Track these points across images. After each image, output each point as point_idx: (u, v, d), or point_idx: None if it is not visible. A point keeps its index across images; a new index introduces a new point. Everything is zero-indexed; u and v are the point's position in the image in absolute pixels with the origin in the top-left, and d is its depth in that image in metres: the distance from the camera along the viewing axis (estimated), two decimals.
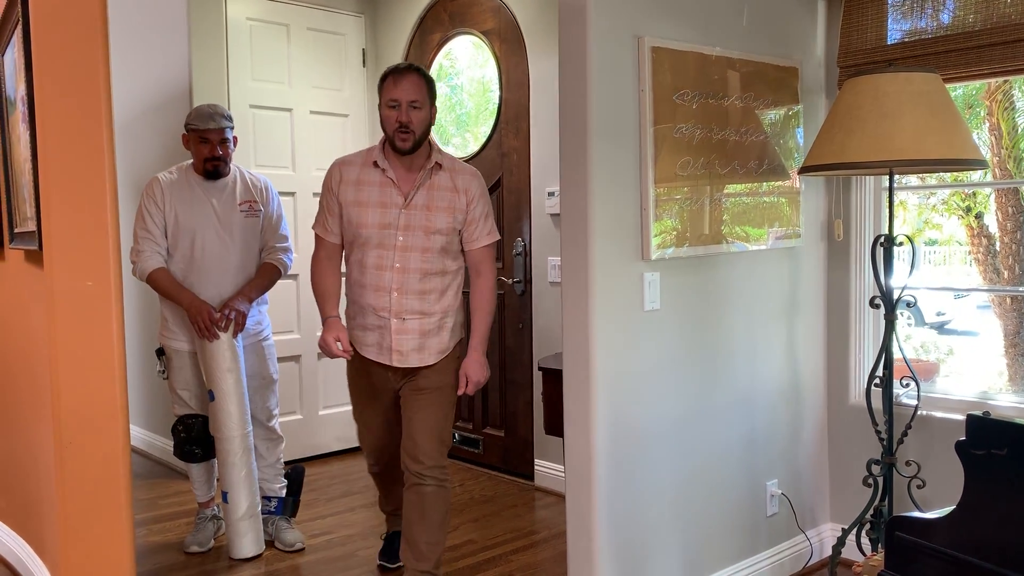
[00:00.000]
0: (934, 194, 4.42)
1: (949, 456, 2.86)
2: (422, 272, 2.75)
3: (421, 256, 2.74)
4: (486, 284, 2.86)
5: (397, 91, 2.68)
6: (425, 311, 2.77)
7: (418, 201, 2.75)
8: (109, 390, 2.43)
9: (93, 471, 2.42)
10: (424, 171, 2.76)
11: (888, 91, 2.49)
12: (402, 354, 2.78)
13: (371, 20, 4.96)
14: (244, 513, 3.30)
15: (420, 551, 2.79)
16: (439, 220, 2.75)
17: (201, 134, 3.23)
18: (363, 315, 2.81)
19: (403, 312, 2.75)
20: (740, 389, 2.92)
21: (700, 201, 2.74)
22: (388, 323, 2.76)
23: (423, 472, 2.78)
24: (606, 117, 2.49)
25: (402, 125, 2.68)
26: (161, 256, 3.24)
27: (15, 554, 3.30)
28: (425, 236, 2.74)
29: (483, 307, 2.85)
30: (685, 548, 2.77)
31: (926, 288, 3.19)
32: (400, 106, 2.67)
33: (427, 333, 2.79)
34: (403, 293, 2.74)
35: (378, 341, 2.79)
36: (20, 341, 3.12)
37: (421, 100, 2.69)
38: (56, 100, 2.36)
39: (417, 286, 2.75)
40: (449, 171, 2.79)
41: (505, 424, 4.41)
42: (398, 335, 2.76)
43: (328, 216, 2.84)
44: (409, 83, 2.68)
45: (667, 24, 2.63)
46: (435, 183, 2.77)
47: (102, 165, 2.39)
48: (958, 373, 3.88)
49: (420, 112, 2.70)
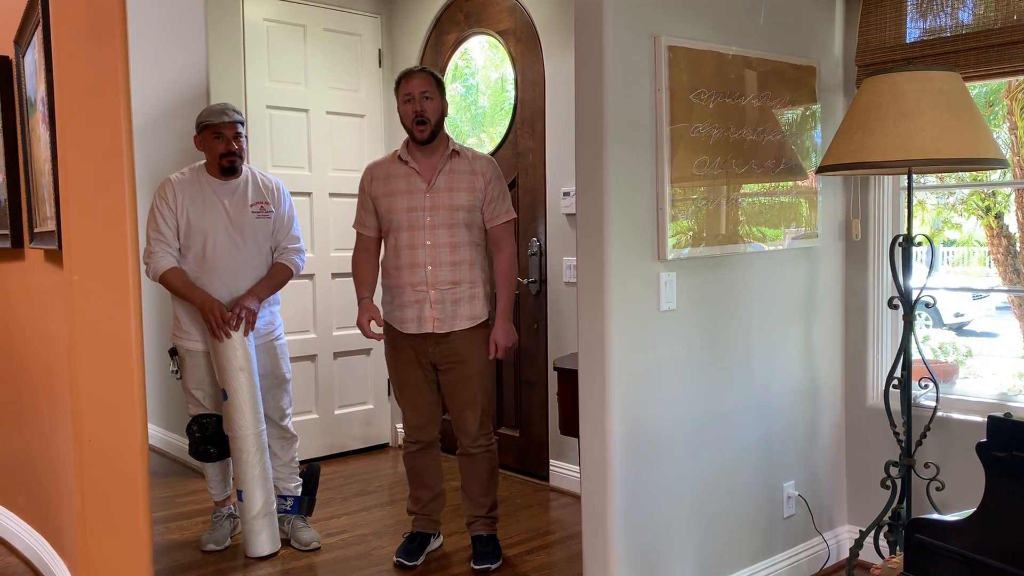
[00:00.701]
0: (953, 194, 4.38)
1: (968, 458, 2.84)
2: (451, 246, 3.10)
3: (448, 232, 3.09)
4: (506, 258, 3.20)
5: (409, 86, 3.09)
6: (456, 280, 3.11)
7: (440, 184, 3.11)
8: (127, 389, 2.45)
9: (111, 469, 2.44)
10: (443, 158, 3.13)
11: (907, 90, 2.46)
12: (440, 321, 3.11)
13: (387, 21, 4.97)
14: (259, 511, 3.31)
15: (475, 501, 3.28)
16: (461, 198, 3.10)
17: (216, 129, 3.24)
18: (401, 294, 3.14)
19: (438, 283, 3.09)
20: (757, 390, 2.91)
21: (717, 201, 2.73)
22: (426, 294, 3.10)
23: (471, 444, 3.22)
24: (622, 116, 2.48)
25: (418, 115, 3.06)
26: (173, 257, 3.26)
27: (34, 551, 3.33)
28: (450, 213, 3.09)
29: (505, 278, 3.19)
30: (701, 549, 2.75)
31: (945, 289, 3.17)
32: (414, 98, 3.06)
33: (458, 301, 3.13)
34: (436, 266, 3.09)
35: (417, 315, 3.12)
36: (40, 340, 3.15)
37: (431, 91, 3.09)
38: (76, 101, 2.38)
39: (448, 258, 3.10)
40: (466, 158, 3.16)
41: (520, 424, 4.41)
42: (436, 304, 3.10)
43: (363, 213, 3.24)
44: (419, 78, 3.09)
45: (684, 23, 2.62)
46: (454, 167, 3.13)
47: (121, 165, 2.41)
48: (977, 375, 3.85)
49: (432, 102, 3.08)
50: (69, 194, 2.40)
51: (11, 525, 3.56)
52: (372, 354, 4.91)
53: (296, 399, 4.08)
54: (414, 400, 3.25)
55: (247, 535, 3.35)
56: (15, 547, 3.50)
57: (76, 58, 2.38)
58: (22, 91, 3.18)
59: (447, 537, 3.54)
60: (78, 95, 2.38)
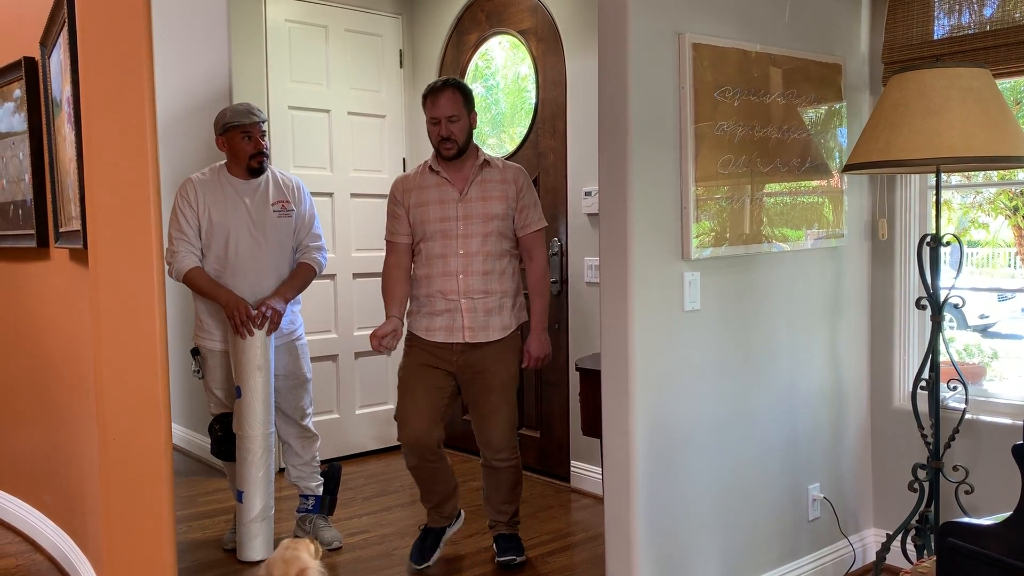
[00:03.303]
0: (980, 192, 4.32)
1: (998, 461, 2.80)
2: (484, 255, 3.08)
3: (481, 240, 3.08)
4: (539, 266, 3.18)
5: (436, 110, 3.05)
6: (488, 290, 3.09)
7: (473, 194, 3.10)
8: (152, 388, 2.46)
9: (135, 468, 2.45)
10: (474, 169, 3.12)
11: (935, 87, 2.43)
12: (473, 330, 3.08)
13: (408, 21, 4.98)
14: (257, 515, 3.27)
15: (498, 509, 3.27)
16: (494, 207, 3.09)
17: (244, 129, 3.25)
18: (432, 303, 3.10)
19: (470, 292, 3.07)
20: (781, 391, 2.88)
21: (741, 200, 2.70)
22: (458, 303, 3.07)
23: (493, 456, 3.17)
24: (646, 115, 2.46)
25: (443, 139, 3.05)
26: (196, 256, 3.27)
27: (59, 548, 3.35)
28: (483, 222, 3.08)
29: (539, 288, 3.18)
30: (725, 552, 2.73)
31: (972, 289, 3.12)
32: (440, 122, 3.04)
33: (491, 311, 3.10)
34: (468, 275, 3.07)
35: (448, 324, 3.09)
36: (65, 339, 3.17)
37: (458, 112, 3.04)
38: (101, 101, 2.39)
39: (480, 267, 3.07)
40: (497, 168, 3.16)
41: (541, 425, 4.39)
42: (468, 313, 3.07)
43: (395, 223, 3.19)
44: (445, 100, 3.04)
45: (708, 20, 2.60)
46: (486, 177, 3.12)
47: (146, 165, 2.42)
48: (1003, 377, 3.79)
49: (459, 123, 3.05)
50: (94, 194, 2.42)
51: (36, 523, 3.59)
52: (393, 355, 4.89)
53: (317, 399, 4.08)
54: (418, 403, 3.11)
55: (242, 538, 3.29)
56: (40, 544, 3.53)
57: (101, 59, 2.39)
58: (48, 91, 3.20)
59: (467, 538, 3.54)
60: (103, 95, 2.39)
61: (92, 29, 2.40)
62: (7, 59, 3.50)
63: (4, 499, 3.84)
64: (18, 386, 3.72)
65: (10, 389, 3.79)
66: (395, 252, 3.21)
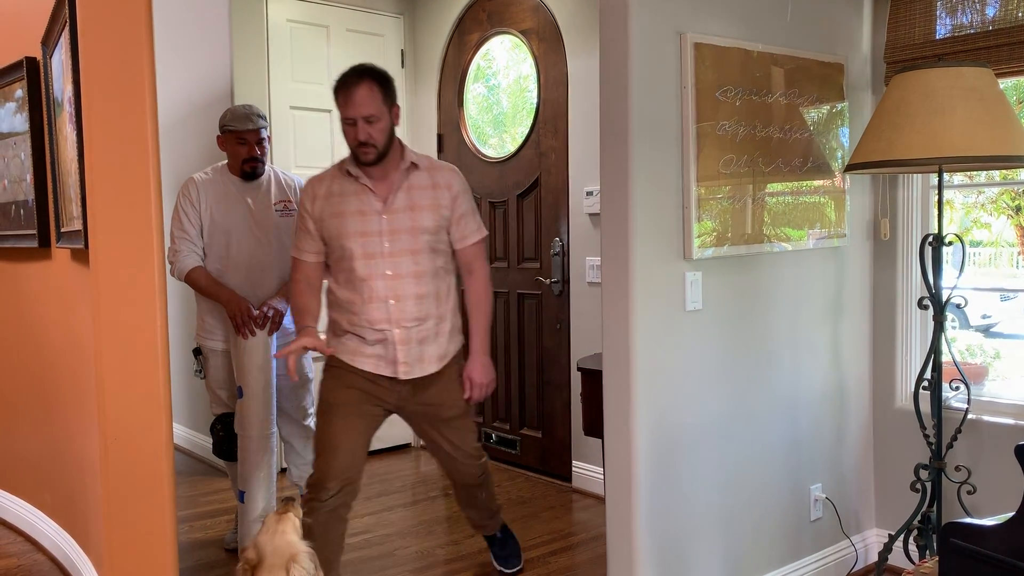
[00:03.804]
0: (982, 192, 4.31)
1: (1001, 461, 2.79)
2: (415, 275, 2.65)
3: (412, 259, 2.65)
4: (480, 283, 2.79)
5: (350, 108, 2.57)
6: (423, 316, 2.67)
7: (399, 204, 2.65)
8: (153, 387, 2.46)
9: (137, 467, 2.45)
10: (399, 172, 2.67)
11: (938, 86, 2.42)
12: (407, 365, 2.67)
13: (410, 21, 4.97)
14: (259, 515, 3.25)
15: (474, 521, 3.11)
16: (425, 219, 2.66)
17: (239, 135, 3.25)
18: (359, 333, 2.68)
19: (403, 320, 2.64)
20: (783, 391, 2.87)
21: (743, 200, 2.70)
22: (390, 334, 2.64)
23: (468, 483, 2.94)
24: (647, 115, 2.46)
25: (361, 143, 2.58)
26: (198, 255, 3.27)
27: (60, 548, 3.35)
28: (412, 238, 2.64)
29: (480, 307, 2.78)
30: (727, 552, 2.72)
31: (975, 289, 3.12)
32: (356, 123, 2.58)
33: (424, 340, 2.69)
34: (400, 299, 2.64)
35: (378, 354, 2.68)
36: (66, 339, 3.17)
37: (377, 111, 2.57)
38: (102, 101, 2.39)
39: (413, 290, 2.65)
40: (427, 170, 2.71)
41: (543, 425, 4.39)
42: (402, 345, 2.65)
43: (303, 236, 2.74)
44: (361, 96, 2.56)
45: (710, 20, 2.59)
46: (413, 183, 2.68)
47: (147, 165, 2.42)
48: (1005, 377, 3.79)
49: (379, 124, 2.58)
50: (95, 193, 2.42)
51: (38, 522, 3.59)
52: None
53: None
54: (346, 440, 2.65)
55: (243, 538, 3.27)
56: (42, 544, 3.53)
57: (102, 58, 2.39)
58: (49, 91, 3.20)
59: (467, 539, 3.53)
60: (104, 95, 2.39)
61: (93, 29, 2.40)
62: (9, 59, 3.50)
63: (5, 499, 3.85)
64: (19, 385, 3.72)
65: (11, 388, 3.79)
66: (300, 270, 2.75)
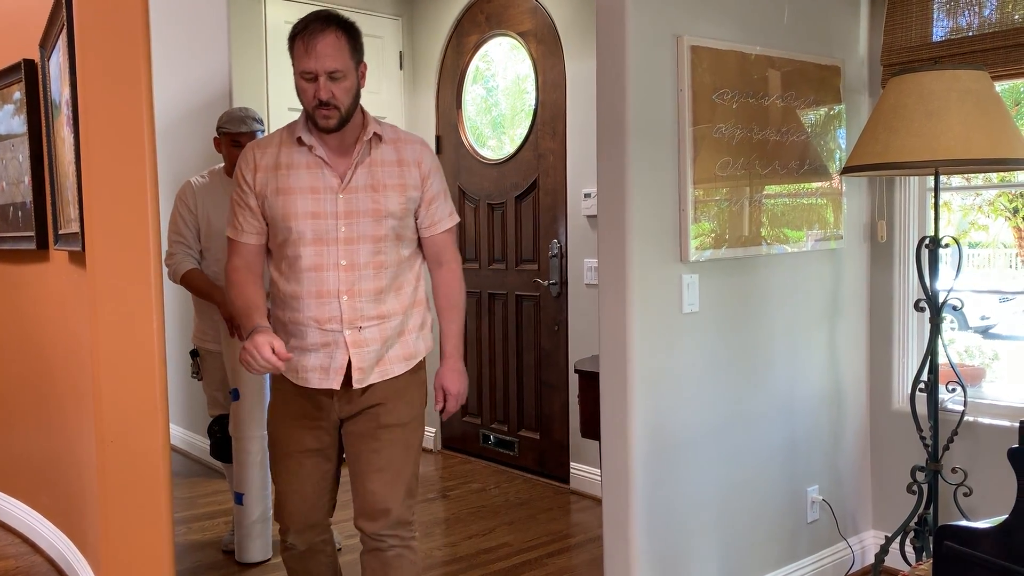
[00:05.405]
0: (979, 194, 4.32)
1: (997, 463, 2.79)
2: (376, 266, 2.18)
3: (372, 247, 2.18)
4: (453, 276, 2.34)
5: (310, 61, 2.10)
6: (384, 314, 2.20)
7: (359, 182, 2.17)
8: (149, 389, 2.46)
9: (134, 469, 2.45)
10: (361, 144, 2.18)
11: (934, 89, 2.43)
12: (362, 371, 2.18)
13: (408, 22, 4.98)
14: (257, 517, 3.28)
15: None
16: (390, 201, 2.19)
17: (234, 137, 3.25)
18: (300, 335, 2.19)
19: (358, 320, 2.17)
20: (780, 393, 2.87)
21: (740, 202, 2.70)
22: (339, 337, 2.16)
23: (382, 533, 2.21)
24: (644, 117, 2.46)
25: (321, 103, 2.10)
26: (194, 259, 3.27)
27: (58, 550, 3.35)
28: (374, 222, 2.17)
29: (452, 306, 2.34)
30: (724, 554, 2.73)
31: (972, 291, 3.12)
32: (317, 79, 2.10)
33: (387, 340, 2.21)
34: (355, 296, 2.16)
35: (323, 363, 2.18)
36: (64, 341, 3.17)
37: (343, 67, 2.10)
38: (99, 103, 2.39)
39: (371, 285, 2.18)
40: (392, 142, 2.24)
41: (540, 427, 4.39)
42: (356, 349, 2.16)
43: (241, 212, 2.22)
44: (325, 47, 2.09)
45: (707, 23, 2.60)
46: (376, 158, 2.20)
47: (144, 168, 2.42)
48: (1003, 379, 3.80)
49: (344, 83, 2.11)
50: (92, 196, 2.42)
51: (35, 524, 3.59)
52: None
53: None
54: (298, 484, 2.25)
55: (241, 540, 3.31)
56: (39, 546, 3.53)
57: (100, 61, 2.39)
58: (47, 94, 3.21)
59: (467, 539, 3.53)
60: (102, 97, 2.39)
61: (90, 31, 2.40)
62: (7, 61, 3.50)
63: (3, 500, 3.84)
64: (17, 387, 3.72)
65: (9, 390, 3.79)
66: (238, 253, 2.24)
